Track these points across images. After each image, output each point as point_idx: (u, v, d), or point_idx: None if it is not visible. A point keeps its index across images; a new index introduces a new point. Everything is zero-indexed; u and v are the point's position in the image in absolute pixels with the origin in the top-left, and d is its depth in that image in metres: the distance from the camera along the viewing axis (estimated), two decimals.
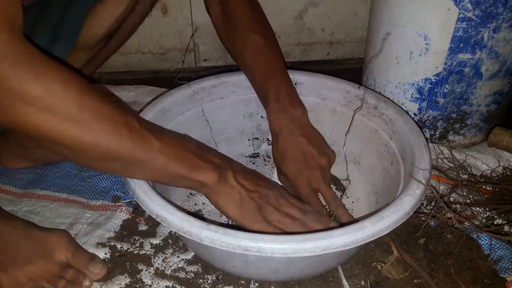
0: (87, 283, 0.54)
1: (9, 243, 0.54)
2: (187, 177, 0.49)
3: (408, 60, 0.74)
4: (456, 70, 0.71)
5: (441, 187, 0.70)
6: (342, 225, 0.47)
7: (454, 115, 0.77)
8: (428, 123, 0.78)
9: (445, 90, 0.74)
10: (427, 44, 0.71)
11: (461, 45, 0.69)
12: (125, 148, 0.44)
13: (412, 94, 0.77)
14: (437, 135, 0.80)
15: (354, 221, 0.47)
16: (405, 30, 0.72)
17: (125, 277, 0.56)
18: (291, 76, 0.72)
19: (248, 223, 0.51)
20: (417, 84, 0.75)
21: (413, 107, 0.78)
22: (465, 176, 0.71)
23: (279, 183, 0.66)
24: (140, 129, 0.45)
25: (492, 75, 0.73)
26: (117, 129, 0.43)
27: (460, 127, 0.78)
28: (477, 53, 0.70)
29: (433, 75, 0.73)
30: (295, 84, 0.73)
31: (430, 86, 0.74)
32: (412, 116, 0.78)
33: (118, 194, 0.69)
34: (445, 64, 0.71)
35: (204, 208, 0.68)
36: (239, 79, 0.72)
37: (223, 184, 0.51)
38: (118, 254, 0.59)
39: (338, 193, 0.70)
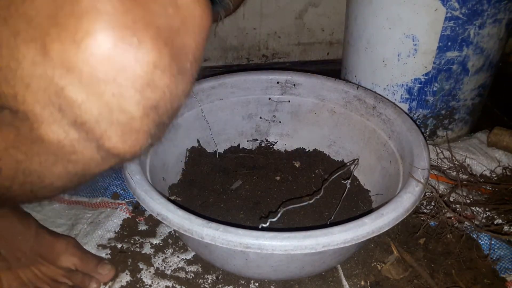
0: (94, 285, 0.54)
1: (20, 242, 0.53)
2: None
3: (396, 62, 0.74)
4: (444, 68, 0.72)
5: (441, 187, 0.70)
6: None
7: (443, 112, 0.78)
8: (419, 121, 0.79)
9: (435, 89, 0.74)
10: (415, 45, 0.71)
11: (449, 43, 0.69)
12: None
13: (401, 95, 0.77)
14: (427, 133, 0.80)
15: (354, 218, 0.47)
16: (392, 32, 0.72)
17: (126, 275, 0.56)
18: (289, 77, 0.73)
19: None
20: (406, 85, 0.75)
21: (403, 108, 0.78)
22: (465, 176, 0.71)
23: None
24: None
25: (477, 70, 0.74)
26: None
27: (448, 123, 0.79)
28: (464, 50, 0.70)
29: (422, 75, 0.73)
30: (294, 85, 0.73)
31: (419, 85, 0.75)
32: None
33: (118, 191, 0.69)
34: (434, 63, 0.72)
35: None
36: (238, 81, 0.72)
37: None
38: (118, 252, 0.59)
39: (339, 193, 0.69)
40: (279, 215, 0.55)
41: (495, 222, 0.64)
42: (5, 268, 0.52)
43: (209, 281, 0.56)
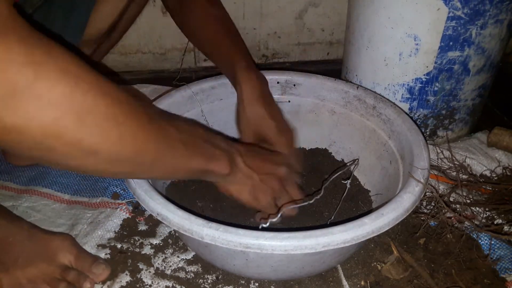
0: (88, 285, 0.54)
1: (13, 243, 0.54)
2: (202, 169, 0.47)
3: (397, 62, 0.74)
4: (446, 68, 0.72)
5: (441, 187, 0.70)
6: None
7: (443, 112, 0.78)
8: (419, 121, 0.79)
9: (435, 88, 0.74)
10: (417, 44, 0.71)
11: (451, 43, 0.70)
12: (148, 143, 0.39)
13: (402, 94, 0.77)
14: (427, 133, 0.81)
15: (354, 218, 0.47)
16: (394, 31, 0.72)
17: (125, 275, 0.56)
18: (289, 77, 0.73)
19: (262, 207, 0.56)
20: (408, 85, 0.75)
21: (403, 108, 0.78)
22: (465, 176, 0.71)
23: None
24: (158, 119, 0.41)
25: (478, 70, 0.74)
26: (139, 122, 0.37)
27: (449, 123, 0.79)
28: (465, 50, 0.70)
29: (424, 75, 0.73)
30: (294, 85, 0.73)
31: (420, 85, 0.75)
32: None
33: (118, 191, 0.69)
34: (435, 63, 0.72)
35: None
36: None
37: (235, 173, 0.51)
38: (118, 252, 0.59)
39: (339, 193, 0.69)
40: (279, 215, 0.55)
41: (495, 222, 0.64)
42: (2, 270, 0.52)
43: (209, 281, 0.56)
